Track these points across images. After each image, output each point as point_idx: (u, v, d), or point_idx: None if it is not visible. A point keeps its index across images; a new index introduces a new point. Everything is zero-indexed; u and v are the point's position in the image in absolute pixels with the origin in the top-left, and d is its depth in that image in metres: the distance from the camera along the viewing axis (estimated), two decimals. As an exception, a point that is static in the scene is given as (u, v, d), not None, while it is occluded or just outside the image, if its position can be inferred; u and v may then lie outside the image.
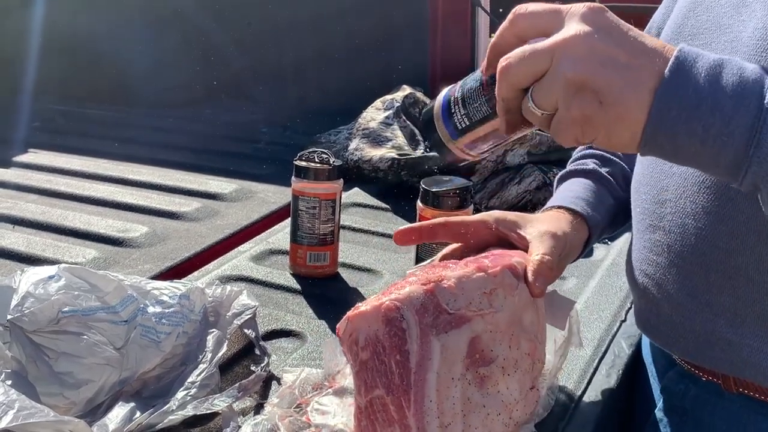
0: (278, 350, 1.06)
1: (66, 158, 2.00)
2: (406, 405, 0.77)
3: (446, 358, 0.77)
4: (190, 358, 0.96)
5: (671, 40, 0.91)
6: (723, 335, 0.84)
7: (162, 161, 1.96)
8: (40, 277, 0.93)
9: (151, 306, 0.97)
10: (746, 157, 0.64)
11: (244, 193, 1.75)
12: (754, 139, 0.63)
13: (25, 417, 0.76)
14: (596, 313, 1.17)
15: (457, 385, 0.78)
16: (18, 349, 0.90)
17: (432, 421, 0.76)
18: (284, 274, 1.30)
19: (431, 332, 0.77)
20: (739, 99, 0.63)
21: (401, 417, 0.77)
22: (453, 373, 0.77)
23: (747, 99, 0.63)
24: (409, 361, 0.77)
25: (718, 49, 0.83)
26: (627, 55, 0.64)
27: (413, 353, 0.77)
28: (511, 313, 0.80)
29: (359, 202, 1.69)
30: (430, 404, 0.77)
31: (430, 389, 0.76)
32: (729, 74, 0.64)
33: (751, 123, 0.63)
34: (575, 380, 0.99)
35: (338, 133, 1.98)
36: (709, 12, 0.86)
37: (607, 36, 0.65)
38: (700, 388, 0.92)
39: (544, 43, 0.66)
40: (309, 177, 1.26)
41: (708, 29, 0.86)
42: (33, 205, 1.65)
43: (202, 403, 0.87)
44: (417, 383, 0.77)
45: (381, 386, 0.78)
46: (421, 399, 0.76)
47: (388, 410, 0.78)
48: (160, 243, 1.45)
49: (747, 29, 0.79)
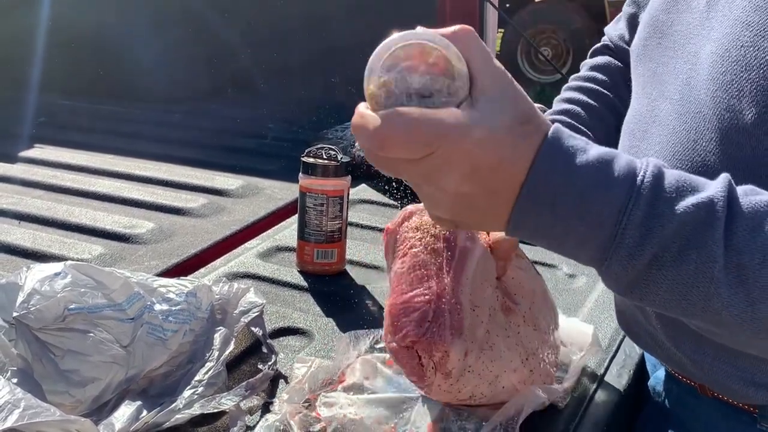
0: (285, 348, 1.05)
1: (72, 153, 2.00)
2: (447, 268, 0.83)
3: (483, 267, 0.84)
4: (197, 356, 0.95)
5: (646, 36, 0.90)
6: (689, 356, 0.84)
7: (168, 157, 1.96)
8: (46, 274, 0.93)
9: (158, 303, 0.97)
10: (601, 265, 0.62)
11: (251, 190, 1.75)
12: (609, 252, 0.61)
13: (31, 416, 0.75)
14: (607, 312, 1.15)
15: (488, 291, 0.84)
16: (24, 346, 0.89)
17: (465, 292, 0.82)
18: (291, 271, 1.29)
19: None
20: (593, 227, 0.60)
21: (439, 277, 0.83)
22: (488, 282, 0.85)
23: (602, 225, 0.60)
24: (456, 243, 0.85)
25: (681, 58, 0.81)
26: (484, 197, 0.61)
27: (461, 239, 0.85)
28: (531, 279, 0.90)
29: (367, 198, 1.68)
30: (466, 281, 0.83)
31: (469, 269, 0.84)
32: (586, 199, 0.60)
33: (604, 245, 0.61)
34: (586, 380, 0.98)
35: (345, 129, 1.97)
36: (681, 13, 0.85)
37: (471, 178, 0.60)
38: (681, 390, 0.93)
39: (429, 141, 0.58)
40: (316, 173, 1.25)
41: (677, 32, 0.84)
42: (39, 200, 1.64)
43: (209, 402, 0.86)
44: (460, 260, 0.84)
45: (426, 253, 0.85)
46: (461, 271, 0.83)
47: (428, 269, 0.84)
48: (167, 239, 1.44)
49: (705, 48, 0.77)
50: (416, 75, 0.59)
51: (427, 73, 0.59)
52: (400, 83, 0.59)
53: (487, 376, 0.83)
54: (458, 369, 0.81)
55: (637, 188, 0.59)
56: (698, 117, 0.76)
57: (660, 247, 0.59)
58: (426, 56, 0.59)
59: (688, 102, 0.78)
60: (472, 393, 0.84)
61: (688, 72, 0.79)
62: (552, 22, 7.15)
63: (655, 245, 0.59)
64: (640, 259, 0.60)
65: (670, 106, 0.81)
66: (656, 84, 0.85)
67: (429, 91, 0.59)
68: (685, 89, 0.79)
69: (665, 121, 0.81)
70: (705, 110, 0.75)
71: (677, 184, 0.60)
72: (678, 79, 0.81)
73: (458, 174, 0.59)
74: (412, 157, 0.58)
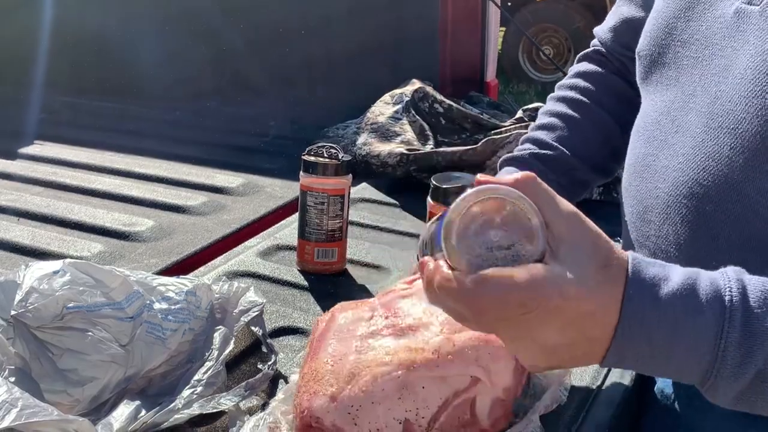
0: (285, 348, 1.04)
1: (72, 150, 1.99)
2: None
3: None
4: (197, 355, 0.95)
5: (661, 41, 0.89)
6: None
7: (169, 154, 1.95)
8: (45, 272, 0.92)
9: (157, 302, 0.96)
10: (704, 386, 0.64)
11: (252, 188, 1.74)
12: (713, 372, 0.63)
13: (28, 416, 0.74)
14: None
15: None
16: (22, 345, 0.88)
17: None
18: (292, 270, 1.28)
19: None
20: (692, 354, 0.62)
21: None
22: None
23: (700, 352, 0.62)
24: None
25: (708, 69, 0.81)
26: (582, 344, 0.62)
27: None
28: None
29: (367, 197, 1.67)
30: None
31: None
32: (682, 328, 0.62)
33: (706, 369, 0.63)
34: (588, 381, 0.97)
35: (346, 128, 1.96)
36: (701, 21, 0.84)
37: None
38: (691, 393, 0.91)
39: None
40: (317, 172, 1.25)
41: (699, 41, 0.83)
42: (38, 197, 1.63)
43: (208, 402, 0.86)
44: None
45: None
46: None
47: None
48: (166, 237, 1.44)
49: (740, 61, 0.77)
50: (495, 229, 0.61)
51: (506, 226, 0.61)
52: (480, 238, 0.61)
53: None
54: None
55: (728, 311, 0.61)
56: (733, 133, 0.75)
57: (763, 363, 0.61)
58: (501, 209, 0.61)
59: (719, 116, 0.77)
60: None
61: (718, 85, 0.78)
62: (553, 21, 7.15)
63: (758, 362, 0.61)
64: (744, 377, 0.62)
65: (696, 118, 0.80)
66: (678, 93, 0.84)
67: (508, 244, 0.61)
68: (716, 103, 0.78)
69: (692, 134, 0.80)
70: (742, 126, 0.74)
71: (763, 296, 0.62)
72: (707, 92, 0.80)
73: (554, 328, 0.60)
74: (508, 318, 0.60)
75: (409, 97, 1.90)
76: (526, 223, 0.61)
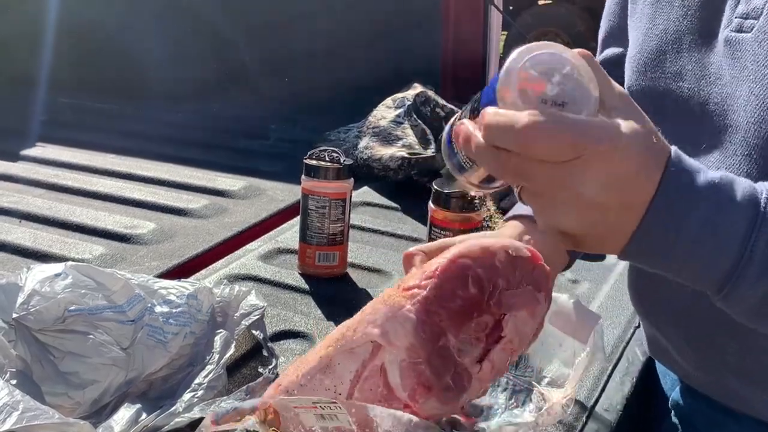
0: (286, 352, 1.04)
1: (73, 152, 1.99)
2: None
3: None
4: (197, 359, 0.95)
5: (651, 75, 0.87)
6: (730, 386, 0.84)
7: (170, 157, 1.95)
8: (47, 274, 0.92)
9: (159, 306, 0.96)
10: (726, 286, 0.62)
11: (253, 191, 1.74)
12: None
13: (29, 419, 0.74)
14: (609, 318, 1.15)
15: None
16: (23, 347, 0.88)
17: None
18: (293, 274, 1.28)
19: None
20: (724, 240, 0.61)
21: None
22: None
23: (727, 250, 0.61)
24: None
25: (710, 100, 0.80)
26: (616, 211, 0.60)
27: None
28: None
29: (369, 201, 1.67)
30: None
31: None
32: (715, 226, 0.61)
33: (734, 261, 0.61)
34: (588, 388, 0.97)
35: (348, 131, 1.97)
36: (691, 53, 0.83)
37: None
38: (710, 407, 0.91)
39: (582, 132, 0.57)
40: (319, 176, 1.25)
41: (692, 71, 0.82)
42: (40, 199, 1.63)
43: (209, 406, 0.85)
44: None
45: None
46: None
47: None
48: (168, 240, 1.44)
49: (741, 89, 0.76)
50: (552, 83, 0.59)
51: (563, 82, 0.59)
52: (537, 88, 0.59)
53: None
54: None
55: (762, 213, 0.60)
56: (748, 159, 0.76)
57: None
58: (562, 66, 0.59)
59: (733, 144, 0.77)
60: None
61: (724, 113, 0.78)
62: (555, 25, 7.14)
63: None
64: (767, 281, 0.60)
65: (708, 148, 0.80)
66: (680, 124, 0.82)
67: (563, 100, 0.59)
68: (725, 132, 0.78)
69: (706, 163, 0.79)
70: (756, 152, 0.75)
71: None
72: (713, 123, 0.80)
73: (597, 182, 0.57)
74: (556, 160, 0.57)
75: (410, 101, 1.90)
76: (584, 86, 0.59)
